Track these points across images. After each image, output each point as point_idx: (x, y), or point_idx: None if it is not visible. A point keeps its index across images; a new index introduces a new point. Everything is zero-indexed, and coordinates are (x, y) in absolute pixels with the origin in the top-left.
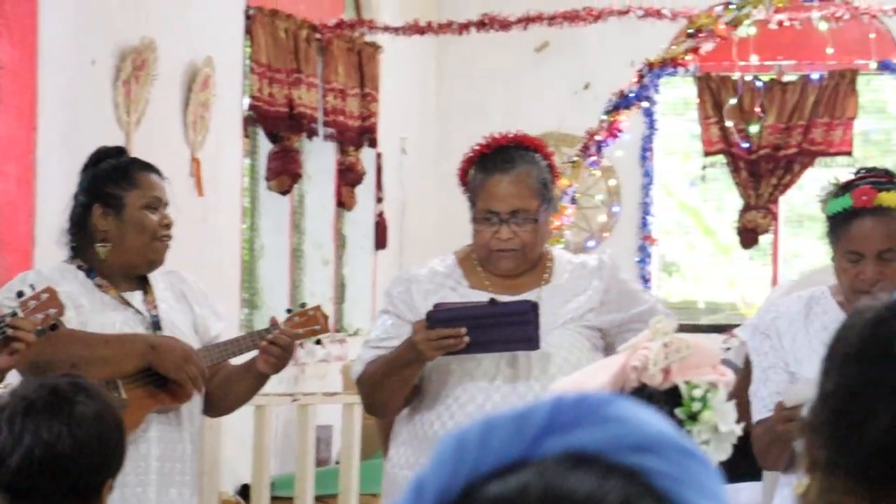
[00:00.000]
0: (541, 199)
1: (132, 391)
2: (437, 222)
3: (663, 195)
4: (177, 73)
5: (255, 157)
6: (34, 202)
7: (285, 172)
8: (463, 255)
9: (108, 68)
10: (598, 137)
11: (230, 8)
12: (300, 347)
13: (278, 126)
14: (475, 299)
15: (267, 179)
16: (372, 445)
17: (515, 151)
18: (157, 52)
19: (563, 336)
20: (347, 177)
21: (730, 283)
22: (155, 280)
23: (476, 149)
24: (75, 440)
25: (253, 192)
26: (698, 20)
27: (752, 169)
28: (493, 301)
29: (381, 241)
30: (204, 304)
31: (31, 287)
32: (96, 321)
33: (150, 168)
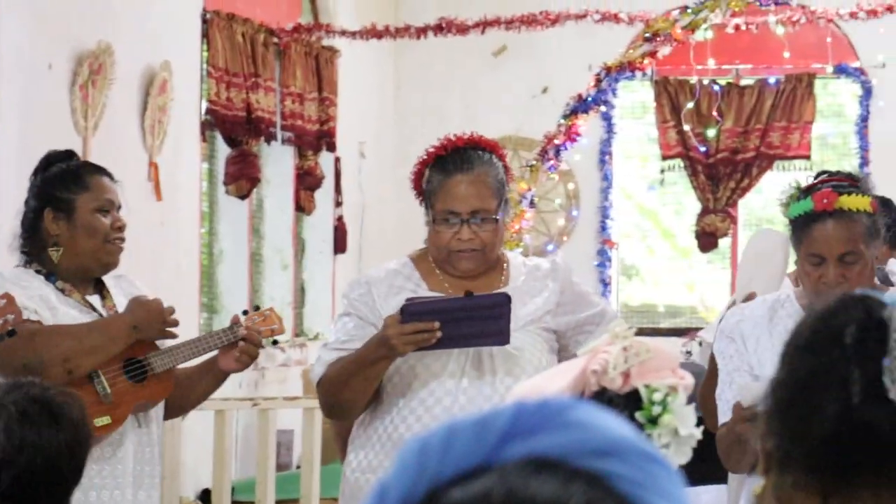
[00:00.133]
0: (499, 199)
1: (115, 386)
2: (397, 226)
3: (622, 199)
4: (134, 77)
5: (214, 162)
6: None
7: (244, 177)
8: (418, 257)
9: (65, 73)
10: (556, 141)
11: (187, 12)
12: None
13: (236, 130)
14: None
15: (225, 184)
16: (333, 450)
17: (473, 152)
18: (114, 56)
19: (524, 338)
20: (306, 181)
21: (689, 287)
22: (108, 284)
23: (431, 151)
24: (69, 447)
25: (211, 196)
26: (655, 24)
27: (711, 173)
28: (468, 293)
29: (340, 245)
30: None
31: None
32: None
33: (101, 171)
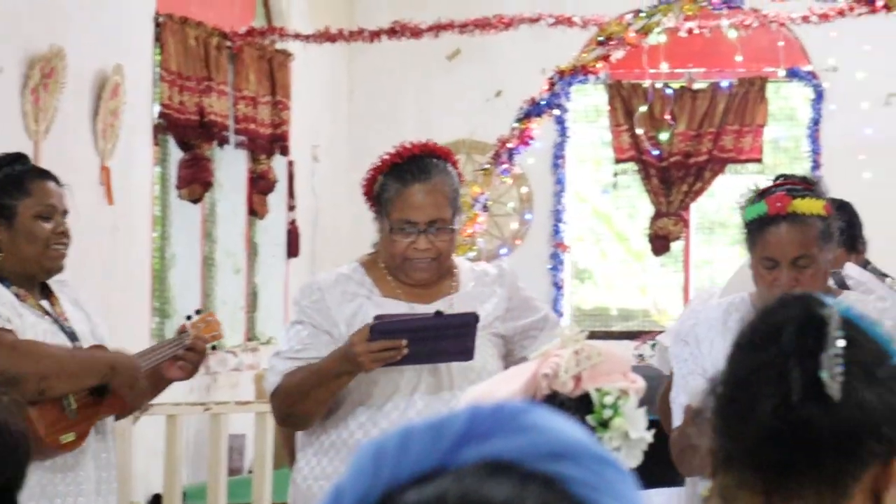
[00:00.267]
0: (454, 208)
1: (80, 402)
2: (350, 230)
3: (576, 202)
4: (86, 81)
5: (166, 166)
6: None
7: (196, 181)
8: (369, 262)
9: (16, 76)
10: (509, 145)
11: (140, 16)
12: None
13: (189, 134)
14: (391, 308)
15: (178, 188)
16: (284, 455)
17: (429, 161)
18: (65, 59)
19: (479, 344)
20: (259, 185)
21: (642, 290)
22: (54, 289)
23: (386, 158)
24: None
25: (164, 200)
26: (609, 28)
27: (663, 176)
28: (438, 313)
29: (293, 249)
30: (94, 311)
31: None
32: (28, 330)
33: (45, 175)
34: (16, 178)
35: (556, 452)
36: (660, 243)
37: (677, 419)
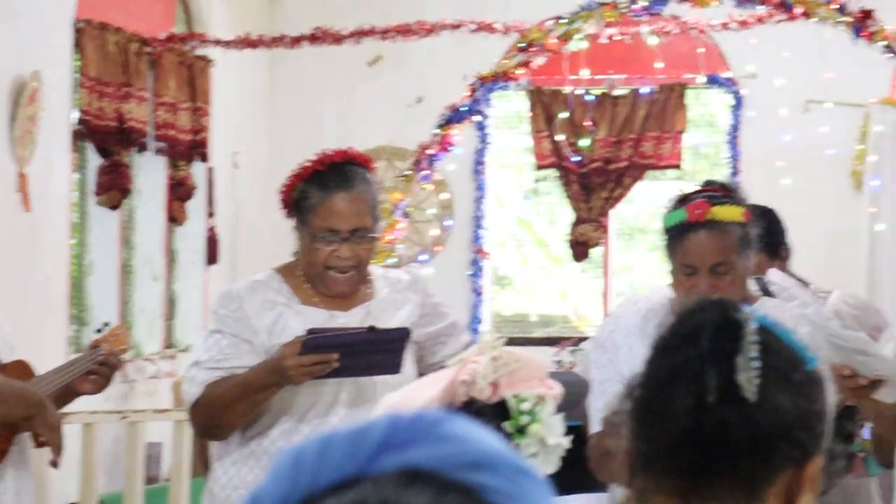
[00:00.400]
0: (374, 216)
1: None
2: (270, 237)
3: (496, 208)
4: (3, 87)
5: (85, 172)
6: None
7: (115, 187)
8: (285, 271)
9: None
10: (430, 151)
11: (58, 21)
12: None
13: (108, 140)
14: (311, 315)
15: (96, 194)
16: (202, 463)
17: (351, 169)
18: None
19: None
20: (178, 191)
21: (562, 296)
22: None
23: (307, 165)
24: None
25: (82, 207)
26: (529, 34)
27: (584, 182)
28: (372, 328)
29: (212, 256)
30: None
31: None
32: None
33: None
34: None
35: (475, 462)
36: (580, 249)
37: (594, 425)
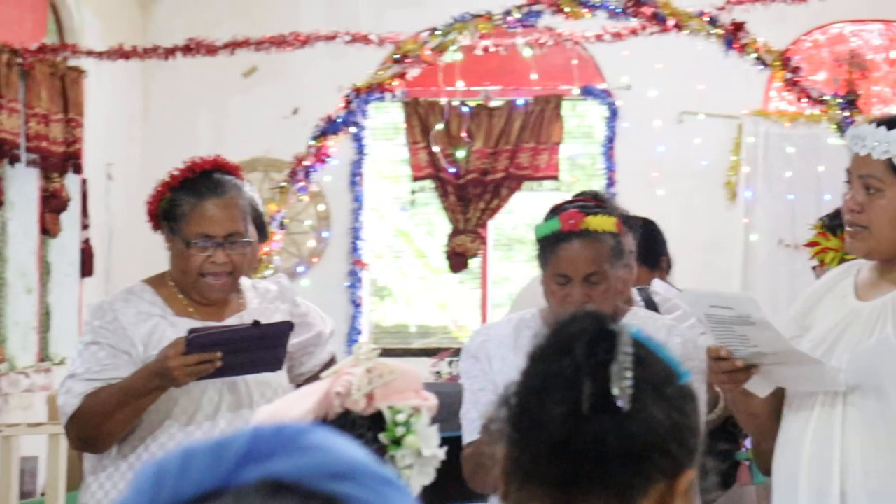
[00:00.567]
0: (247, 222)
1: None
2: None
3: (374, 219)
4: None
5: None
6: None
7: None
8: (156, 282)
9: None
10: (306, 162)
11: None
12: None
13: None
14: (187, 327)
15: None
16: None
17: (221, 175)
18: None
19: None
20: (51, 203)
21: (441, 307)
22: None
23: (176, 174)
24: None
25: None
26: (404, 46)
27: (461, 193)
28: (256, 323)
29: (87, 268)
30: None
31: None
32: None
33: None
34: None
35: (338, 472)
36: (457, 260)
37: (467, 435)
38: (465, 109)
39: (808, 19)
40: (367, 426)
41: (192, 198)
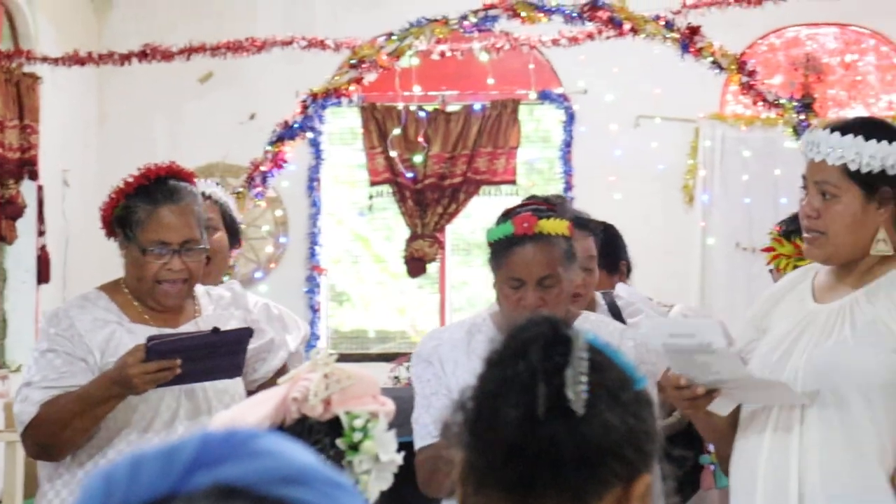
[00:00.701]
0: (202, 229)
1: None
2: (102, 255)
3: (332, 225)
4: None
5: None
6: None
7: None
8: (111, 289)
9: None
10: (263, 168)
11: None
12: None
13: None
14: (143, 334)
15: None
16: (35, 484)
17: (176, 182)
18: None
19: None
20: (7, 210)
21: (400, 312)
22: None
23: (130, 181)
24: None
25: None
26: (361, 51)
27: (418, 198)
28: (216, 330)
29: (43, 275)
30: None
31: None
32: None
33: None
34: None
35: (288, 477)
36: (416, 265)
37: (420, 439)
38: (422, 114)
39: (764, 23)
40: (325, 432)
41: (148, 205)
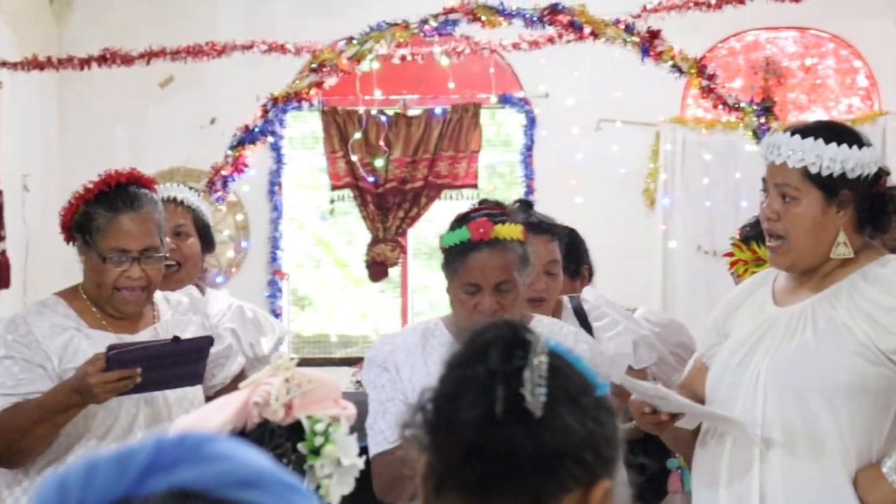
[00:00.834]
0: (161, 236)
1: None
2: (63, 261)
3: (294, 229)
4: None
5: None
6: None
7: None
8: (69, 295)
9: None
10: (223, 172)
11: None
12: None
13: None
14: (101, 339)
15: None
16: None
17: (137, 189)
18: None
19: None
20: None
21: (362, 316)
22: None
23: (90, 187)
24: None
25: None
26: (321, 55)
27: (380, 202)
28: (176, 339)
29: (3, 280)
30: None
31: None
32: None
33: None
34: None
35: (243, 480)
36: (377, 269)
37: (376, 446)
38: (383, 118)
39: (724, 27)
40: (286, 436)
41: (108, 212)
